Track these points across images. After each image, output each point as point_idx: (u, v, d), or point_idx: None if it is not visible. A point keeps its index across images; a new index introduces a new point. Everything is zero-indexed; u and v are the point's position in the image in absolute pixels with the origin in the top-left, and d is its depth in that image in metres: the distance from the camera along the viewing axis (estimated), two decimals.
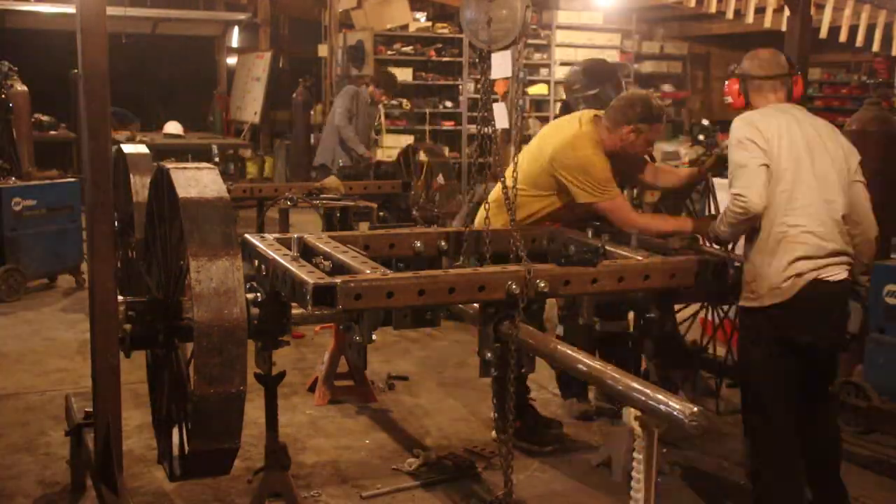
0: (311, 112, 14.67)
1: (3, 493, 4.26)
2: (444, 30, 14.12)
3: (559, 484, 4.51)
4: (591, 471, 4.60)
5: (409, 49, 13.95)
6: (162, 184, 3.59)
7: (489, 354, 3.64)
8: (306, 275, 3.37)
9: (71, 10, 15.34)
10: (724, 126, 14.03)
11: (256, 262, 3.85)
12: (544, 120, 14.70)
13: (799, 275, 3.67)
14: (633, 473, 2.98)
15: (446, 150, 14.40)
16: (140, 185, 5.40)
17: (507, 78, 9.43)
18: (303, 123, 14.36)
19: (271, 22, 17.22)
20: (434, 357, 6.53)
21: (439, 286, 3.47)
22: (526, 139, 10.00)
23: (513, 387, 3.57)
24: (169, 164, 3.53)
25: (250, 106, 16.35)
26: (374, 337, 3.78)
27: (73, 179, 9.06)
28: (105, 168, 3.50)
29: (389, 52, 13.78)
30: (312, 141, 13.24)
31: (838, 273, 3.73)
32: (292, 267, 3.49)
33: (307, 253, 3.89)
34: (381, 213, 7.78)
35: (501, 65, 9.61)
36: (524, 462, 4.66)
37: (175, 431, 3.52)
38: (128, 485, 4.30)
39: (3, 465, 4.55)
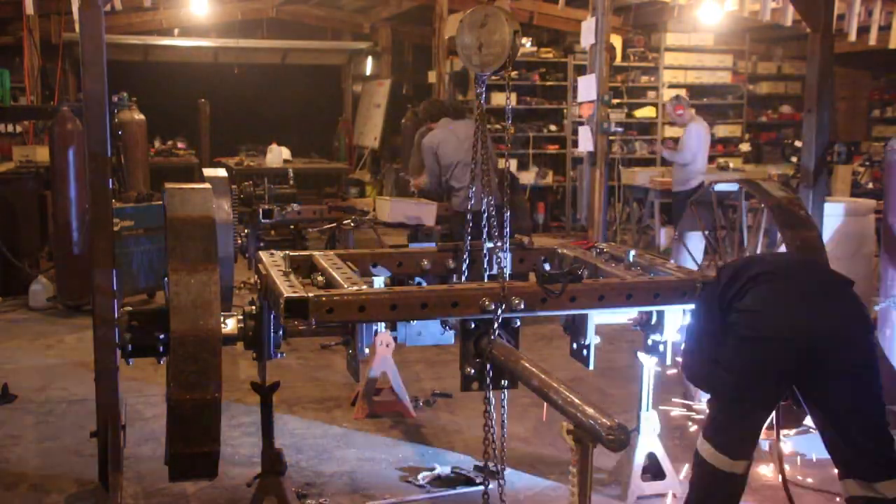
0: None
1: (42, 488, 4.61)
2: (548, 54, 14.22)
3: (567, 502, 4.52)
4: (603, 491, 4.60)
5: (513, 74, 14.00)
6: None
7: (469, 369, 3.74)
8: (285, 288, 3.55)
9: (206, 43, 16.32)
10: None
11: (256, 276, 4.07)
12: (651, 143, 14.56)
13: None
14: (570, 487, 3.03)
15: (550, 174, 14.48)
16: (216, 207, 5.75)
17: (591, 101, 9.53)
18: (410, 148, 14.64)
19: (394, 50, 17.65)
20: None
21: (411, 301, 3.59)
22: (610, 162, 10.03)
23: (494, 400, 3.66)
24: (170, 185, 3.79)
25: (371, 132, 16.84)
26: (366, 350, 3.93)
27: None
28: (104, 187, 3.78)
29: (494, 77, 13.87)
30: None
31: None
32: (277, 280, 3.69)
33: (314, 270, 4.08)
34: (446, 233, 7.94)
35: (586, 88, 9.72)
36: (534, 480, 4.70)
37: None
38: (152, 486, 4.61)
39: (51, 464, 4.93)
